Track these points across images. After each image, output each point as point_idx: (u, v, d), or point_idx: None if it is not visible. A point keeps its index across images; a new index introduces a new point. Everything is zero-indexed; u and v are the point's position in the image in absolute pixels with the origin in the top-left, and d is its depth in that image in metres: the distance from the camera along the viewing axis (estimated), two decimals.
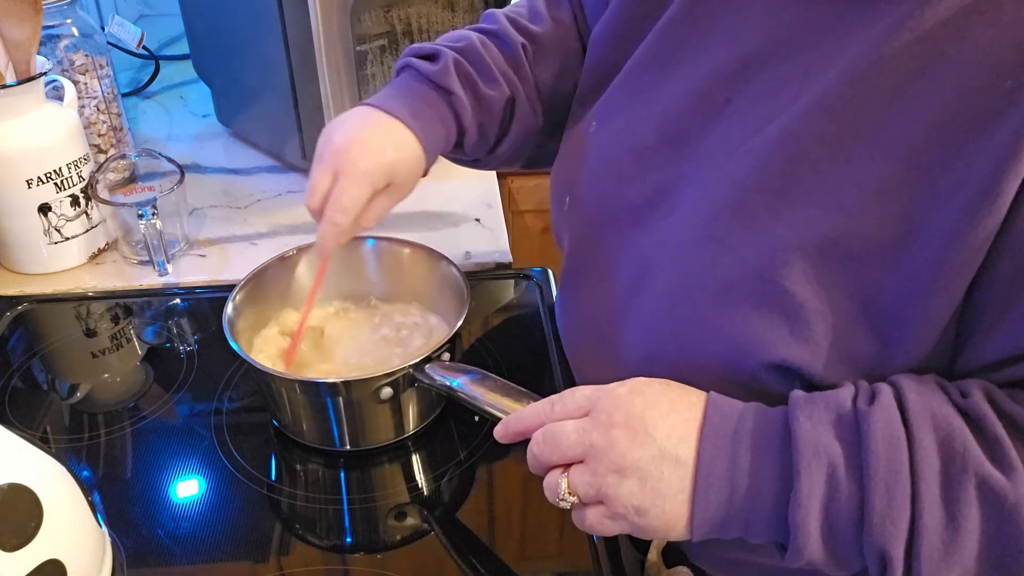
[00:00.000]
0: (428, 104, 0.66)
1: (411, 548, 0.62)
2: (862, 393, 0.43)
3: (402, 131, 0.64)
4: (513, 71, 0.69)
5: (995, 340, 0.42)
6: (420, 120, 0.65)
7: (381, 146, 0.63)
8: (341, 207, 0.62)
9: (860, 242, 0.43)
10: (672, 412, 0.45)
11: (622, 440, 0.44)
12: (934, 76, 0.41)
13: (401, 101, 0.65)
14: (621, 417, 0.44)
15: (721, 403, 0.45)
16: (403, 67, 0.69)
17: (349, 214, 0.63)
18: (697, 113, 0.53)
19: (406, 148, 0.64)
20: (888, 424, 0.40)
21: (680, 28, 0.56)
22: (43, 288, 0.88)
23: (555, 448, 0.46)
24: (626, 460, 0.43)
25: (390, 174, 0.64)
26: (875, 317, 0.44)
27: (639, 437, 0.44)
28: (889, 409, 0.41)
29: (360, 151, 0.62)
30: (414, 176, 0.66)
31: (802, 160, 0.45)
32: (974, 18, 0.40)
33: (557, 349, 0.78)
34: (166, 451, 0.70)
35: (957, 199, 0.40)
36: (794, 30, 0.49)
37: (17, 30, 0.81)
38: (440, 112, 0.66)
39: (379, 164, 0.63)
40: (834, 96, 0.44)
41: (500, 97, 0.68)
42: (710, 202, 0.50)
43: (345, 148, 0.62)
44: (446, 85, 0.66)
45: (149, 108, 1.28)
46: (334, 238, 0.64)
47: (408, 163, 0.65)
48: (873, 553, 0.40)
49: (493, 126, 0.70)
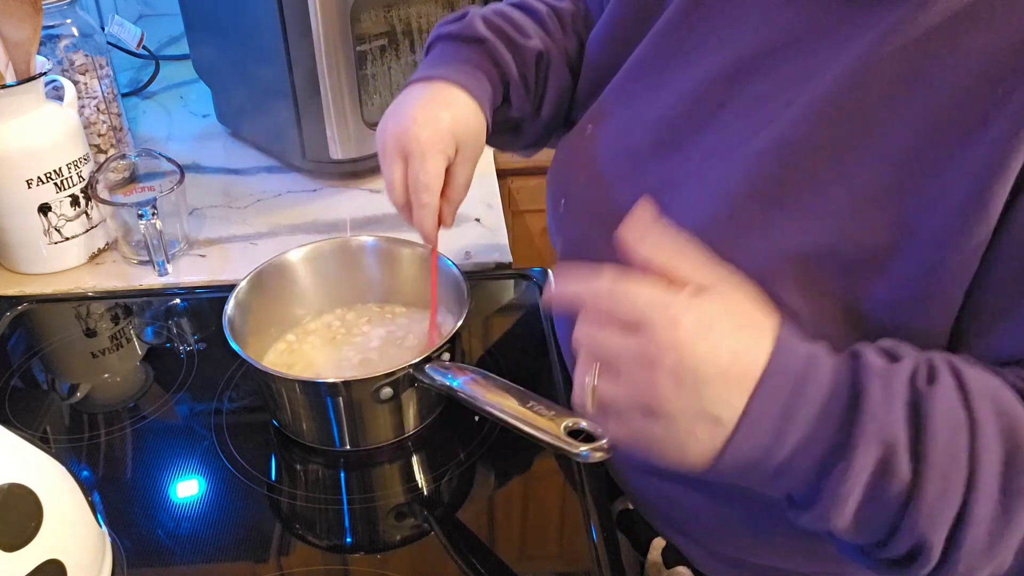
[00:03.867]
0: (464, 59, 0.65)
1: (411, 548, 0.62)
2: (922, 367, 0.39)
3: (447, 90, 0.63)
4: (544, 32, 0.69)
5: (990, 344, 0.42)
6: (461, 74, 0.64)
7: (433, 113, 0.62)
8: (423, 186, 0.61)
9: (854, 249, 0.43)
10: (730, 368, 0.39)
11: (664, 385, 0.39)
12: (927, 81, 0.41)
13: (438, 65, 0.65)
14: (672, 360, 0.39)
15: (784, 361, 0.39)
16: (434, 40, 0.68)
17: (432, 190, 0.61)
18: (692, 117, 0.53)
19: (458, 105, 0.63)
20: (950, 407, 0.38)
21: (676, 32, 0.56)
22: (43, 288, 0.88)
23: (593, 352, 0.41)
24: (661, 406, 0.39)
25: (454, 135, 0.62)
26: (867, 325, 0.44)
27: (684, 390, 0.39)
28: (950, 391, 0.38)
29: (417, 126, 0.61)
30: (478, 131, 0.64)
31: (796, 166, 0.45)
32: (967, 24, 0.40)
33: (557, 349, 0.78)
34: (166, 451, 0.70)
35: (947, 204, 0.40)
36: (789, 35, 0.48)
37: (17, 30, 0.81)
38: (479, 63, 0.65)
39: (438, 130, 0.61)
40: (827, 101, 0.44)
41: (533, 49, 0.67)
42: (703, 207, 0.50)
43: (401, 130, 0.61)
44: (477, 35, 0.65)
45: (149, 108, 1.28)
46: (430, 220, 0.63)
47: (466, 119, 0.63)
48: (910, 538, 0.38)
49: (531, 77, 0.68)
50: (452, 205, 0.65)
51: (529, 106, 0.69)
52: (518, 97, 0.67)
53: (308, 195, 1.05)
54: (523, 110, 0.69)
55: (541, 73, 0.68)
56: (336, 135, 1.00)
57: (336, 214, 1.01)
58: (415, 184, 0.61)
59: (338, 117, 0.99)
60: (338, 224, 0.99)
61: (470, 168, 0.65)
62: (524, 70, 0.67)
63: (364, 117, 1.01)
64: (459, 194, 0.65)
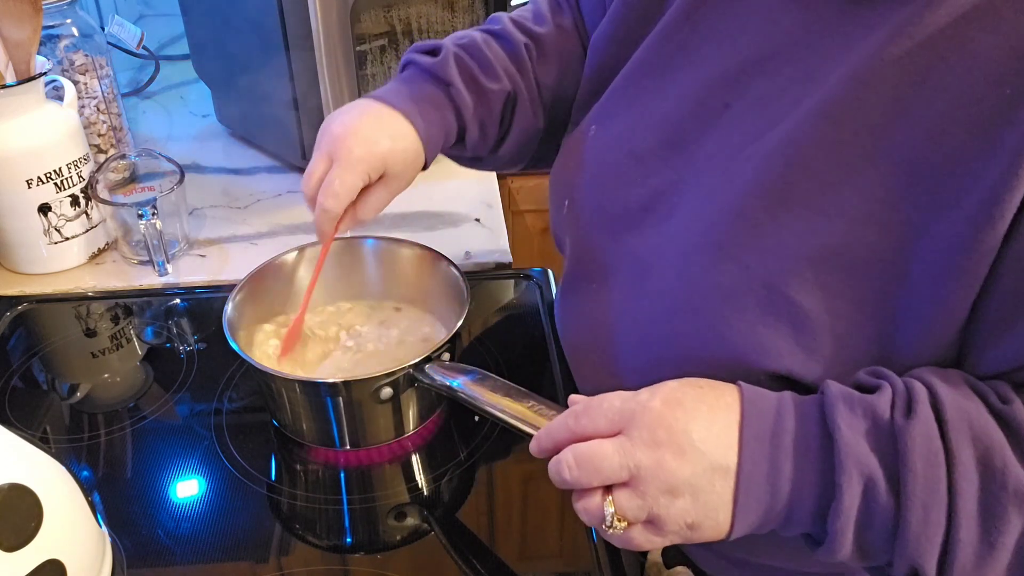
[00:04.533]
0: (427, 96, 0.66)
1: (411, 548, 0.62)
2: (899, 399, 0.41)
3: (400, 121, 0.65)
4: (516, 69, 0.70)
5: (997, 351, 0.42)
6: (418, 111, 0.65)
7: (376, 135, 0.63)
8: (332, 192, 0.63)
9: (865, 251, 0.43)
10: (713, 420, 0.43)
11: (670, 459, 0.42)
12: (934, 83, 0.41)
13: (401, 94, 0.66)
14: (664, 433, 0.42)
15: (757, 400, 0.43)
16: (406, 64, 0.70)
17: (340, 200, 0.63)
18: (696, 118, 0.53)
19: (402, 139, 0.64)
20: (927, 439, 0.39)
21: (679, 32, 0.56)
22: (43, 288, 0.88)
23: (596, 473, 0.43)
24: (677, 479, 0.41)
25: (385, 163, 0.64)
26: (880, 327, 0.44)
27: (688, 454, 0.42)
28: (927, 423, 0.40)
29: (355, 139, 0.63)
30: (411, 168, 0.66)
31: (803, 167, 0.45)
32: (974, 25, 0.40)
33: (557, 349, 0.78)
34: (166, 451, 0.70)
35: (962, 208, 0.40)
36: (795, 35, 0.48)
37: (17, 30, 0.81)
38: (439, 104, 0.67)
39: (372, 152, 0.63)
40: (834, 102, 0.44)
41: (501, 91, 0.68)
42: (710, 208, 0.49)
43: (341, 136, 0.63)
44: (445, 77, 0.66)
45: (149, 108, 1.28)
46: (328, 224, 0.65)
47: (404, 154, 0.65)
48: (904, 564, 0.40)
49: (493, 124, 0.70)
50: (354, 220, 0.66)
51: (484, 148, 0.71)
52: (472, 140, 0.70)
53: None
54: (476, 151, 0.71)
55: (507, 115, 0.70)
56: None
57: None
58: (328, 188, 0.63)
59: None
60: None
61: (388, 196, 0.67)
62: (484, 116, 0.69)
63: None
64: (366, 214, 0.67)
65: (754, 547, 0.56)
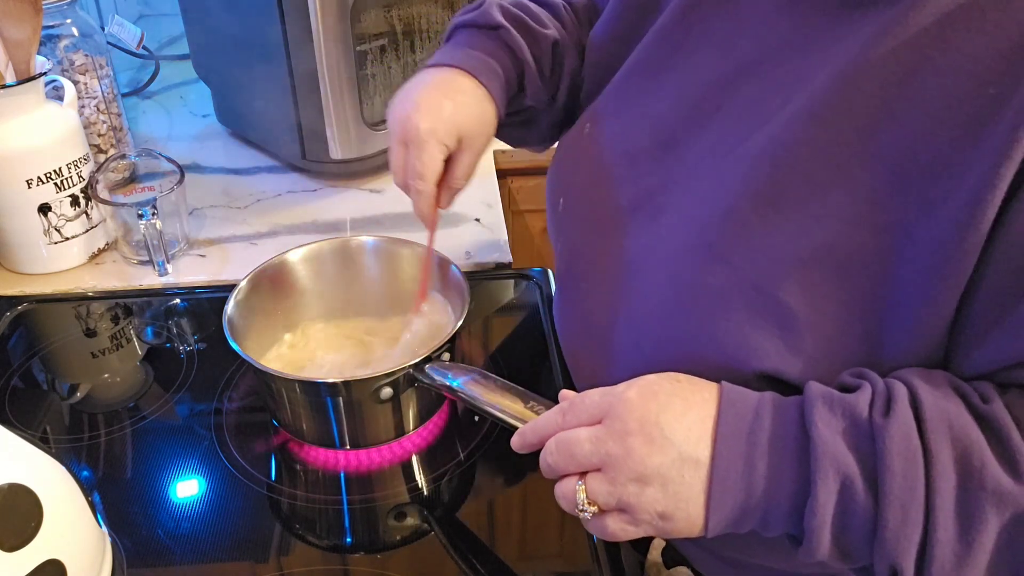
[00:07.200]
0: (478, 46, 0.65)
1: (411, 548, 0.62)
2: (878, 399, 0.41)
3: (456, 78, 0.63)
4: (559, 22, 0.69)
5: (984, 350, 0.42)
6: (473, 60, 0.64)
7: (436, 102, 0.62)
8: (417, 174, 0.62)
9: (854, 251, 0.43)
10: (687, 412, 0.43)
11: (639, 447, 0.43)
12: (920, 83, 0.41)
13: (450, 52, 0.65)
14: (635, 423, 0.43)
15: (735, 398, 0.44)
16: (451, 30, 0.69)
17: (427, 179, 0.62)
18: (689, 119, 0.53)
19: (463, 94, 0.63)
20: (905, 439, 0.40)
21: (674, 33, 0.56)
22: (43, 288, 0.88)
23: (570, 458, 0.45)
24: (646, 467, 0.43)
25: (455, 125, 0.62)
26: (868, 328, 0.44)
27: (657, 443, 0.43)
28: (906, 422, 0.40)
29: (418, 114, 0.62)
30: (485, 122, 0.65)
31: (791, 168, 0.45)
32: (958, 25, 0.40)
33: (557, 349, 0.78)
34: (166, 451, 0.70)
35: (947, 208, 0.40)
36: (786, 39, 0.48)
37: (17, 30, 0.81)
38: (491, 51, 0.65)
39: (439, 120, 0.62)
40: (820, 102, 0.44)
41: (550, 37, 0.67)
42: (700, 209, 0.49)
43: (404, 117, 0.62)
44: (492, 22, 0.65)
45: (149, 108, 1.28)
46: (426, 205, 0.64)
47: (468, 108, 0.63)
48: (884, 563, 0.40)
49: (547, 64, 0.68)
50: (451, 191, 0.66)
51: (544, 94, 0.69)
52: (533, 84, 0.67)
53: (308, 195, 1.05)
54: (537, 98, 0.69)
55: (557, 60, 0.69)
56: (336, 135, 1.00)
57: (336, 214, 1.01)
58: (411, 171, 0.63)
59: (338, 117, 0.99)
60: (338, 224, 0.99)
61: (472, 157, 0.65)
62: (540, 56, 0.67)
63: (364, 117, 1.01)
64: (458, 182, 0.66)
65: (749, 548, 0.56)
